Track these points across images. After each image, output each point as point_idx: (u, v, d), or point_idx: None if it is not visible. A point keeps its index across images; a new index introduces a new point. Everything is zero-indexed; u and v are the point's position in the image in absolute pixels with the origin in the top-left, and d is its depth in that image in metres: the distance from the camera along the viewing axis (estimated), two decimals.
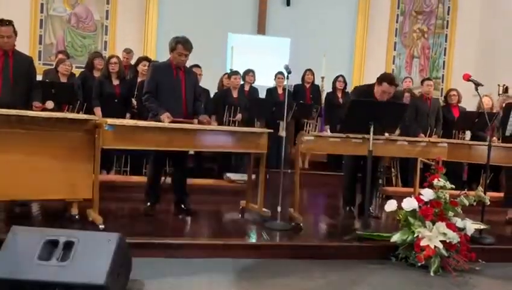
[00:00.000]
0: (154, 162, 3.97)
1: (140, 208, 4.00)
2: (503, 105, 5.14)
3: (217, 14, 8.50)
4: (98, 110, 5.23)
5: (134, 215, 3.95)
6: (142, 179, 4.45)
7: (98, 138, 3.36)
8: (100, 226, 3.31)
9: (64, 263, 2.30)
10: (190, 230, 3.67)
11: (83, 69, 6.24)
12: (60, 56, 5.84)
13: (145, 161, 5.13)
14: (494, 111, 5.81)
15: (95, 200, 3.44)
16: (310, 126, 6.68)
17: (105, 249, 2.35)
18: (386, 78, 4.01)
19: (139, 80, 5.38)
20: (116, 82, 5.32)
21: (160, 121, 3.65)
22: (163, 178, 4.53)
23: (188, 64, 5.51)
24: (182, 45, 3.79)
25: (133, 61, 6.18)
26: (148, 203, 3.94)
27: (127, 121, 3.61)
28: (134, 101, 5.39)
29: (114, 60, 5.35)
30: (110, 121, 3.37)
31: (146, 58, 5.75)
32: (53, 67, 5.68)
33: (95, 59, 5.85)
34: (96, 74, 5.70)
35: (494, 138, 3.97)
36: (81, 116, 3.69)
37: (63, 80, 5.37)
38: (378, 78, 4.08)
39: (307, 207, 5.02)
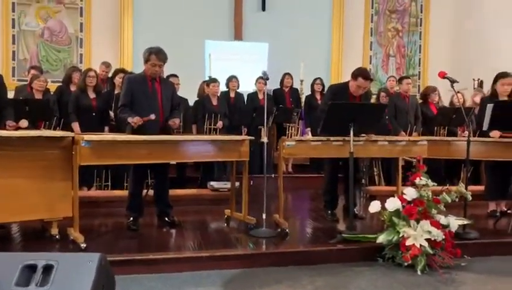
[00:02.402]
0: (135, 176, 3.90)
1: (123, 223, 3.93)
2: (479, 100, 5.22)
3: (193, 22, 8.47)
4: (75, 125, 5.13)
5: (117, 231, 3.87)
6: (124, 193, 4.37)
7: (75, 155, 3.29)
8: (82, 245, 3.24)
9: (44, 288, 2.22)
10: (175, 243, 3.61)
11: (59, 84, 6.14)
12: (33, 72, 5.73)
13: (126, 174, 5.04)
14: (467, 106, 5.91)
15: (75, 218, 3.36)
16: (291, 130, 6.68)
17: (86, 271, 2.28)
18: (361, 73, 4.07)
19: (116, 92, 5.31)
20: (92, 95, 5.24)
21: (132, 128, 3.62)
22: (145, 191, 4.46)
23: (166, 73, 5.50)
24: (155, 55, 3.74)
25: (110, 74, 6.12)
26: (131, 218, 3.87)
27: (105, 136, 3.54)
28: (112, 114, 5.31)
29: (92, 73, 5.28)
30: (87, 137, 3.30)
31: (122, 70, 5.68)
32: (27, 83, 5.56)
33: (73, 73, 5.78)
34: (73, 88, 5.61)
35: (466, 132, 4.02)
36: (57, 133, 3.61)
37: (38, 96, 5.25)
38: (352, 74, 4.14)
39: (292, 212, 5.01)
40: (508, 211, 4.14)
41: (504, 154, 4.14)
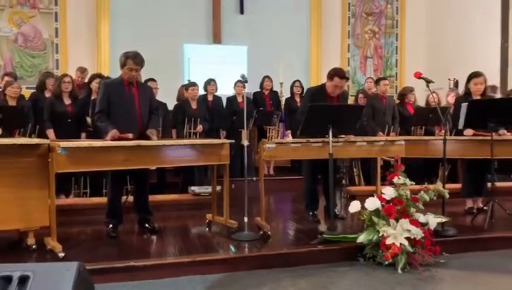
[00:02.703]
0: (113, 182, 3.85)
1: (103, 230, 3.86)
2: (454, 99, 5.32)
3: (171, 26, 8.43)
4: (50, 132, 5.04)
5: (97, 239, 3.81)
6: (103, 200, 4.30)
7: (51, 163, 3.22)
8: (60, 255, 3.17)
9: None
10: (156, 250, 3.56)
11: (34, 90, 6.02)
12: (7, 78, 5.60)
13: (105, 181, 4.97)
14: (443, 105, 6.03)
15: (53, 227, 3.29)
16: (272, 132, 6.69)
17: (63, 280, 2.23)
18: (337, 73, 4.12)
19: (92, 97, 5.23)
20: (68, 101, 5.15)
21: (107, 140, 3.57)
22: (125, 197, 4.41)
23: (144, 77, 5.45)
24: (131, 59, 3.69)
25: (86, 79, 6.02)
26: (111, 225, 3.81)
27: (81, 143, 3.47)
28: (89, 120, 5.23)
29: (68, 79, 5.19)
30: (63, 144, 3.24)
31: (99, 76, 5.60)
32: (0, 90, 5.43)
33: (47, 79, 5.67)
34: (48, 94, 5.51)
35: (443, 131, 4.09)
36: (32, 140, 3.52)
37: (12, 103, 5.13)
38: (328, 74, 4.19)
39: (274, 214, 5.01)
40: (485, 208, 4.22)
41: (479, 152, 4.23)
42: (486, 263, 3.44)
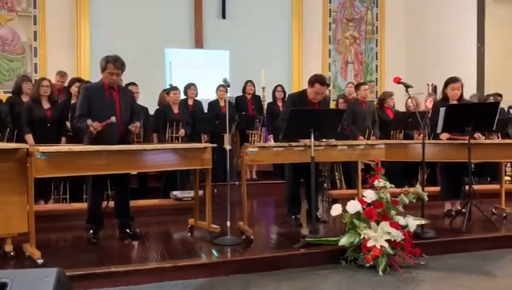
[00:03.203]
0: (93, 187, 3.80)
1: (83, 236, 3.81)
2: (432, 104, 5.43)
3: (152, 30, 8.40)
4: (29, 138, 4.94)
5: (77, 245, 3.75)
6: (83, 205, 4.24)
7: (30, 168, 3.17)
8: (38, 261, 3.12)
9: None
10: (137, 255, 3.52)
11: (10, 94, 5.91)
12: None
13: (85, 186, 4.89)
14: (421, 110, 6.14)
15: (31, 234, 3.23)
16: (254, 137, 6.71)
17: (43, 287, 2.19)
18: (318, 80, 4.17)
19: (72, 102, 5.16)
20: (47, 105, 5.06)
21: (92, 133, 3.55)
22: (105, 202, 4.35)
23: (125, 81, 5.40)
24: (112, 64, 3.66)
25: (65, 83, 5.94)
26: (91, 231, 3.76)
27: (61, 147, 3.43)
28: (68, 124, 5.15)
29: (46, 82, 5.10)
30: (42, 148, 3.19)
31: (79, 80, 5.52)
32: None
33: (23, 83, 5.55)
34: (25, 98, 5.39)
35: (422, 135, 4.18)
36: (10, 145, 3.46)
37: None
38: (309, 81, 4.24)
39: (257, 218, 5.02)
40: (463, 210, 4.31)
41: (457, 155, 4.32)
42: (465, 264, 3.51)
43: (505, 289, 3.00)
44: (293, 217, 4.43)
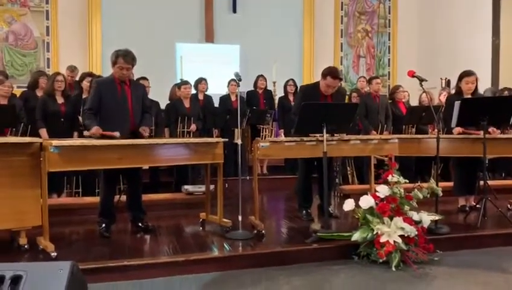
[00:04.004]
0: (105, 182, 3.82)
1: (95, 230, 3.84)
2: (445, 98, 5.35)
3: (163, 25, 8.40)
4: (43, 132, 4.98)
5: (90, 238, 3.78)
6: (96, 199, 4.26)
7: (43, 162, 3.19)
8: (52, 254, 3.14)
9: None
10: (149, 249, 3.54)
11: (24, 89, 5.96)
12: None
13: (97, 180, 4.93)
14: (435, 104, 6.06)
15: (45, 227, 3.25)
16: (265, 131, 6.69)
17: (57, 280, 2.20)
18: (330, 73, 4.11)
19: (84, 96, 5.18)
20: (61, 100, 5.10)
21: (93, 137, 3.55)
22: (117, 197, 4.38)
23: (136, 76, 5.41)
24: (122, 58, 3.65)
25: (76, 77, 5.97)
26: (103, 225, 3.78)
27: (74, 141, 3.44)
28: (81, 119, 5.17)
29: (60, 77, 5.14)
30: (55, 142, 3.21)
31: (90, 74, 5.55)
32: None
33: (40, 77, 5.60)
34: (40, 93, 5.44)
35: (435, 130, 4.12)
36: (24, 139, 3.49)
37: (3, 102, 5.07)
38: (322, 73, 4.20)
39: (268, 213, 5.01)
40: (477, 206, 4.25)
41: (471, 150, 4.25)
42: (479, 260, 3.46)
43: None
44: (304, 211, 4.41)
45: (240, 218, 3.76)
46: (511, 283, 3.02)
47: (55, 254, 3.15)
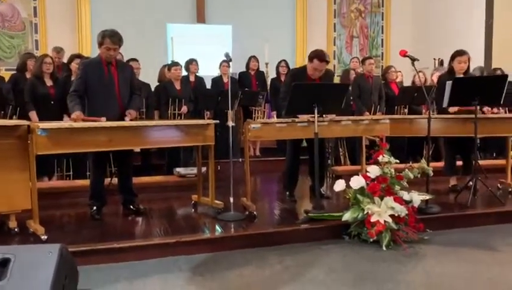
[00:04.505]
0: (95, 164, 3.79)
1: (86, 213, 3.82)
2: (437, 78, 5.34)
3: (153, 5, 8.26)
4: (33, 115, 4.90)
5: (80, 221, 3.77)
6: (87, 182, 4.25)
7: (31, 144, 3.15)
8: (42, 237, 3.13)
9: (1, 283, 2.13)
10: (140, 231, 3.53)
11: (13, 72, 5.86)
12: None
13: (88, 163, 4.89)
14: (428, 84, 6.05)
15: (35, 210, 3.23)
16: (258, 113, 6.66)
17: (46, 263, 2.20)
18: (317, 56, 4.08)
19: (73, 78, 5.10)
20: (49, 83, 5.02)
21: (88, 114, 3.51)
22: (109, 179, 4.36)
23: (126, 57, 5.33)
24: (109, 38, 3.57)
25: (65, 59, 5.87)
26: (94, 207, 3.76)
27: (62, 124, 3.39)
28: None
29: (49, 59, 5.04)
30: (42, 125, 3.16)
31: (79, 56, 5.46)
32: None
33: (29, 60, 5.51)
34: (29, 75, 5.35)
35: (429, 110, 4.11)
36: (11, 122, 3.45)
37: None
38: (309, 56, 4.17)
39: (260, 194, 5.01)
40: (468, 185, 4.27)
41: (462, 130, 4.26)
42: (468, 239, 3.50)
43: (509, 263, 2.98)
44: (288, 193, 4.41)
45: (231, 200, 3.76)
46: (499, 260, 3.05)
47: (46, 237, 3.14)
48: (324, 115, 3.94)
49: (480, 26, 8.07)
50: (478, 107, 4.24)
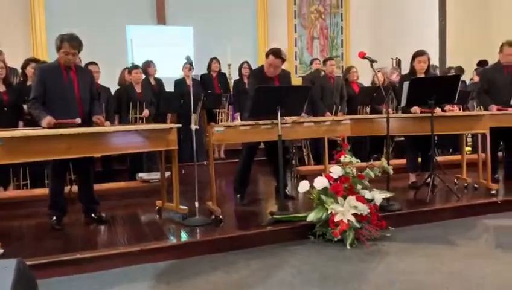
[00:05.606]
0: (54, 172, 3.66)
1: (47, 223, 3.69)
2: (394, 78, 5.50)
3: (112, 6, 8.07)
4: None
5: (40, 232, 3.63)
6: (45, 191, 4.09)
7: None
8: None
9: None
10: (103, 240, 3.44)
11: None
12: None
13: (46, 171, 4.72)
14: (385, 84, 6.22)
15: None
16: (222, 115, 6.63)
17: (1, 279, 2.10)
18: (273, 52, 4.16)
19: (28, 83, 4.91)
20: (2, 88, 4.81)
21: (44, 127, 3.38)
22: (68, 187, 4.22)
23: (85, 61, 5.19)
24: (67, 42, 3.47)
25: (18, 64, 5.62)
26: (54, 217, 3.64)
27: (15, 132, 3.25)
28: (26, 108, 4.91)
29: (0, 64, 4.82)
30: None
31: (34, 60, 5.25)
32: None
33: None
34: None
35: (389, 109, 4.23)
36: None
37: None
38: (266, 53, 4.24)
39: (225, 197, 4.99)
40: (427, 181, 4.42)
41: (420, 128, 4.39)
42: (428, 234, 3.62)
43: (465, 256, 3.11)
44: (239, 196, 4.44)
45: (196, 204, 3.73)
46: (459, 254, 3.18)
47: (2, 250, 3.01)
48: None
49: (435, 26, 8.39)
50: (440, 109, 4.43)
